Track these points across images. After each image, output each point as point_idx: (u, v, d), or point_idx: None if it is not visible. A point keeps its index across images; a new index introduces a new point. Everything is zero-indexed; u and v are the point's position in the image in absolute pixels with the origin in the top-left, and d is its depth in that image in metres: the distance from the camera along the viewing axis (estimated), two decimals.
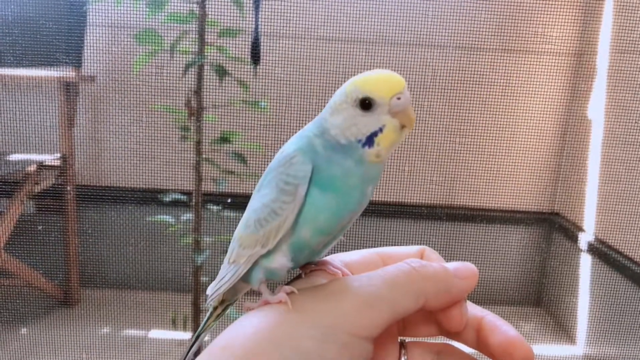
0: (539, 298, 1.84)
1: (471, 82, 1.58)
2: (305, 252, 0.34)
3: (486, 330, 0.32)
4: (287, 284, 0.33)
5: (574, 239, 1.68)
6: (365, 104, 0.31)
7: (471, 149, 1.66)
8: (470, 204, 1.70)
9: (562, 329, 1.73)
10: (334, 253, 0.37)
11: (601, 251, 1.56)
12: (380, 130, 0.32)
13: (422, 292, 0.31)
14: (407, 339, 0.35)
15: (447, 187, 1.71)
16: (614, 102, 1.55)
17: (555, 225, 1.77)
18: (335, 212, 0.32)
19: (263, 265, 0.34)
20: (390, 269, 0.32)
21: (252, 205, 0.35)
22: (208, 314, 0.40)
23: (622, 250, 1.49)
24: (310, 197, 0.32)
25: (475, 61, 1.59)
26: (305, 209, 0.32)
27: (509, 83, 1.53)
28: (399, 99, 0.31)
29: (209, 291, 0.38)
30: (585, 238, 1.63)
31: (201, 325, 0.40)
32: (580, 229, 1.67)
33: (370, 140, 0.32)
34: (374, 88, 0.31)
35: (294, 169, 0.32)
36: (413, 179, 1.61)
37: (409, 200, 1.63)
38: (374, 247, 0.38)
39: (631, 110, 1.47)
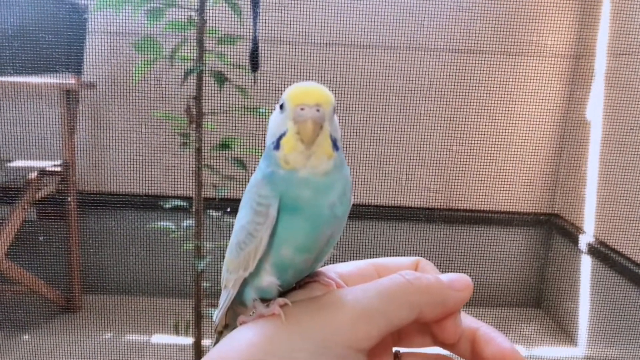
0: (539, 300, 1.84)
1: (469, 85, 1.59)
2: (291, 271, 0.34)
3: (481, 341, 0.32)
4: (281, 296, 0.33)
5: (573, 240, 1.68)
6: (281, 106, 0.33)
7: (469, 152, 1.66)
8: (469, 206, 1.70)
9: (563, 331, 1.74)
10: (329, 264, 0.38)
11: (601, 252, 1.56)
12: (284, 134, 0.32)
13: (416, 305, 0.31)
14: (402, 350, 0.35)
15: (445, 190, 1.71)
16: (611, 104, 1.56)
17: (554, 227, 1.77)
18: (310, 231, 0.32)
19: (253, 285, 0.35)
20: (384, 281, 0.32)
21: (235, 226, 0.36)
22: (214, 340, 0.40)
23: (622, 251, 1.49)
24: (282, 219, 0.32)
25: (473, 64, 1.59)
26: (279, 230, 0.32)
27: (507, 86, 1.53)
28: (302, 109, 0.31)
29: (214, 317, 0.39)
30: (585, 239, 1.63)
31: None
32: (580, 231, 1.67)
33: (277, 143, 0.32)
34: (289, 93, 0.32)
35: (265, 190, 0.33)
36: (411, 182, 1.62)
37: (407, 204, 1.63)
38: (372, 250, 0.38)
39: (629, 111, 1.47)
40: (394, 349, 0.35)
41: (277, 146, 0.32)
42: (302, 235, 0.33)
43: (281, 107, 0.33)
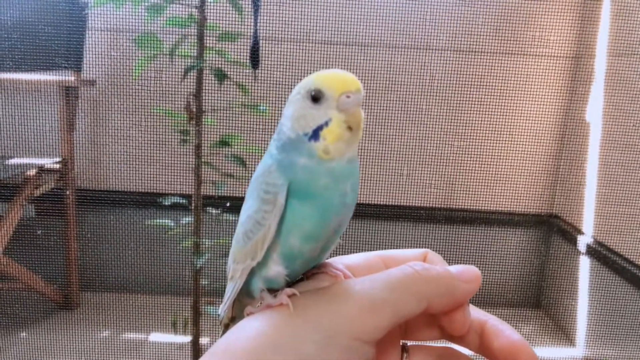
0: (538, 300, 1.85)
1: (469, 85, 1.59)
2: (298, 260, 0.34)
3: (489, 334, 0.32)
4: (289, 286, 0.33)
5: (572, 241, 1.69)
6: (315, 97, 0.32)
7: (469, 152, 1.66)
8: (469, 206, 1.70)
9: (562, 331, 1.74)
10: (336, 256, 0.37)
11: (600, 253, 1.56)
12: (326, 124, 0.31)
13: (424, 296, 0.31)
14: (409, 343, 0.35)
15: (445, 190, 1.71)
16: (611, 104, 1.56)
17: (553, 228, 1.77)
18: (320, 219, 0.32)
19: (261, 275, 0.34)
20: (392, 271, 0.32)
21: (241, 217, 0.35)
22: (221, 333, 0.40)
23: (621, 252, 1.49)
24: (291, 207, 0.32)
25: (473, 64, 1.59)
26: (287, 218, 0.32)
27: (507, 86, 1.53)
28: (348, 97, 0.31)
29: (219, 311, 0.38)
30: (583, 240, 1.63)
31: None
32: (579, 231, 1.67)
33: (316, 134, 0.31)
34: (325, 82, 0.31)
35: (273, 177, 0.32)
36: (411, 181, 1.62)
37: (407, 203, 1.63)
38: (373, 250, 0.38)
39: (629, 112, 1.47)
40: (402, 341, 0.35)
41: (316, 137, 0.31)
42: (310, 223, 0.32)
43: (314, 98, 0.32)
